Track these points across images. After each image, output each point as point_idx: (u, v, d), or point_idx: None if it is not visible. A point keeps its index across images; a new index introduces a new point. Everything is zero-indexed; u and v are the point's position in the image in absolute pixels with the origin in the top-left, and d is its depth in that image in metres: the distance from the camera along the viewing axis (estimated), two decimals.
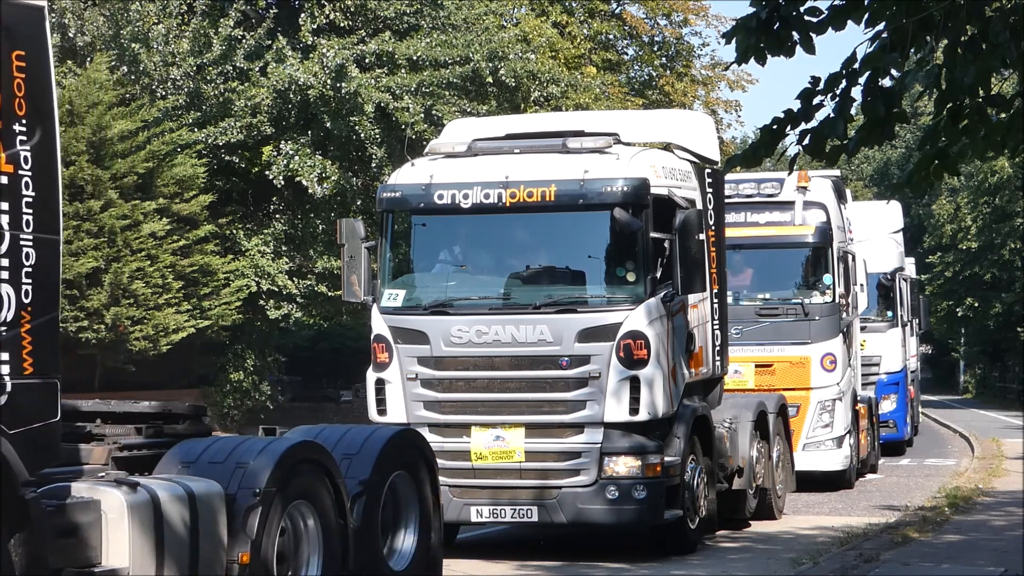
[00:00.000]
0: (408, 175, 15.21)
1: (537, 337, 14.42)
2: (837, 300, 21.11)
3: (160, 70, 31.63)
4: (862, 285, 23.28)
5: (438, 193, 14.83)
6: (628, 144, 15.29)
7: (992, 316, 61.99)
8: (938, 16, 9.52)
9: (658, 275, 14.61)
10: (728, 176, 22.37)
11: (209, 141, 32.10)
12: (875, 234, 28.53)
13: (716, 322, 16.39)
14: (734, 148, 49.15)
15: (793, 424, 21.01)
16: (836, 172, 23.21)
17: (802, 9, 9.42)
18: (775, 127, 9.58)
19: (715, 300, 16.38)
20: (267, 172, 32.57)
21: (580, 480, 14.42)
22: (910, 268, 34.82)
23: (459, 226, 15.27)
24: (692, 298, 15.37)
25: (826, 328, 21.00)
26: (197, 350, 32.33)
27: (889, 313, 28.93)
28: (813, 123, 9.54)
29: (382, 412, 14.92)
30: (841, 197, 22.45)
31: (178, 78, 31.80)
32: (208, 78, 32.21)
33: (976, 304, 62.16)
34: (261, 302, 33.74)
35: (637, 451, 14.35)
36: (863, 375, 25.47)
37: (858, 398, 22.82)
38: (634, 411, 14.32)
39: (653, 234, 14.55)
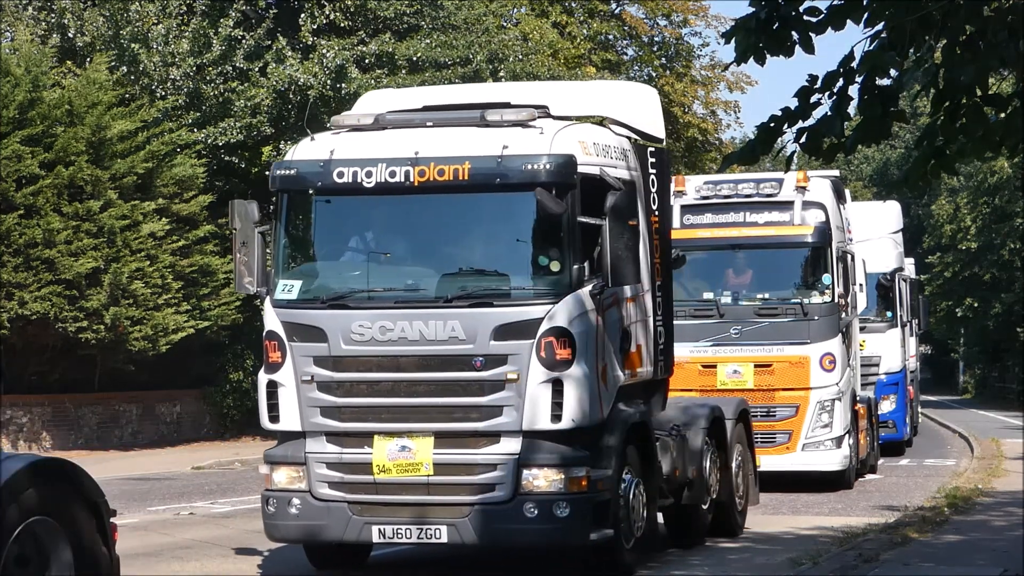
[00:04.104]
0: (306, 150, 13.49)
1: (448, 334, 12.74)
2: (836, 300, 21.12)
3: (160, 70, 31.65)
4: (861, 285, 23.29)
5: (338, 170, 13.09)
6: (558, 118, 13.66)
7: (992, 316, 62.05)
8: (937, 16, 9.54)
9: (587, 265, 12.93)
10: (727, 176, 22.43)
11: (209, 141, 32.12)
12: (875, 234, 28.55)
13: (660, 318, 14.77)
14: (733, 149, 49.13)
15: (792, 424, 21.06)
16: (835, 172, 23.25)
17: (801, 9, 9.44)
18: (772, 125, 9.59)
19: (659, 293, 14.80)
20: (267, 172, 32.55)
21: (495, 496, 12.71)
22: (910, 268, 34.83)
23: (362, 208, 13.55)
24: (628, 291, 13.77)
25: (825, 328, 21.01)
26: (197, 350, 32.34)
27: (889, 313, 28.94)
28: (811, 121, 9.56)
29: (274, 419, 13.16)
30: (840, 197, 22.47)
31: (178, 78, 31.83)
32: (208, 78, 32.23)
33: (976, 304, 62.22)
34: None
35: (560, 463, 12.63)
36: (863, 375, 25.46)
37: (857, 398, 22.80)
38: (556, 418, 12.63)
39: (581, 218, 12.83)
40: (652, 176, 14.79)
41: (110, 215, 28.90)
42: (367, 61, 33.58)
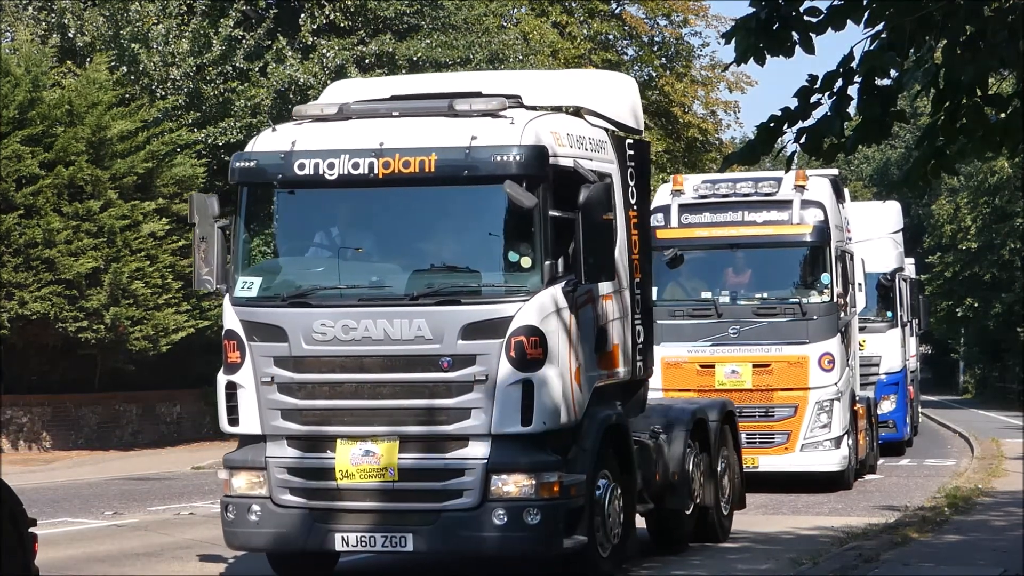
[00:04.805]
0: (267, 142, 12.87)
1: (414, 333, 12.15)
2: (835, 300, 21.07)
3: (160, 70, 31.66)
4: (860, 284, 23.23)
5: (299, 162, 12.47)
6: (531, 108, 13.08)
7: (992, 316, 62.02)
8: (937, 16, 9.55)
9: (560, 261, 12.36)
10: (725, 175, 22.36)
11: (209, 141, 32.13)
12: (875, 234, 28.55)
13: (638, 317, 14.13)
14: (733, 149, 49.14)
15: (791, 424, 21.02)
16: (834, 171, 23.18)
17: (801, 9, 9.44)
18: (772, 125, 9.59)
19: (637, 291, 14.16)
20: None
21: (463, 502, 12.15)
22: (910, 268, 34.82)
23: (324, 202, 12.94)
24: (604, 288, 13.17)
25: (824, 328, 20.95)
26: (197, 350, 32.32)
27: (889, 313, 28.93)
28: (811, 121, 9.56)
29: (234, 422, 12.65)
30: (839, 196, 22.42)
31: (178, 78, 31.84)
32: (208, 78, 32.24)
33: (976, 304, 62.19)
34: None
35: (530, 468, 12.07)
36: (863, 375, 25.44)
37: (856, 398, 22.74)
38: (527, 421, 12.04)
39: (553, 212, 12.25)
40: (631, 169, 14.19)
41: (110, 215, 28.91)
42: (367, 61, 33.59)
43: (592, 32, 48.11)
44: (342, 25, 34.47)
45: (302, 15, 34.12)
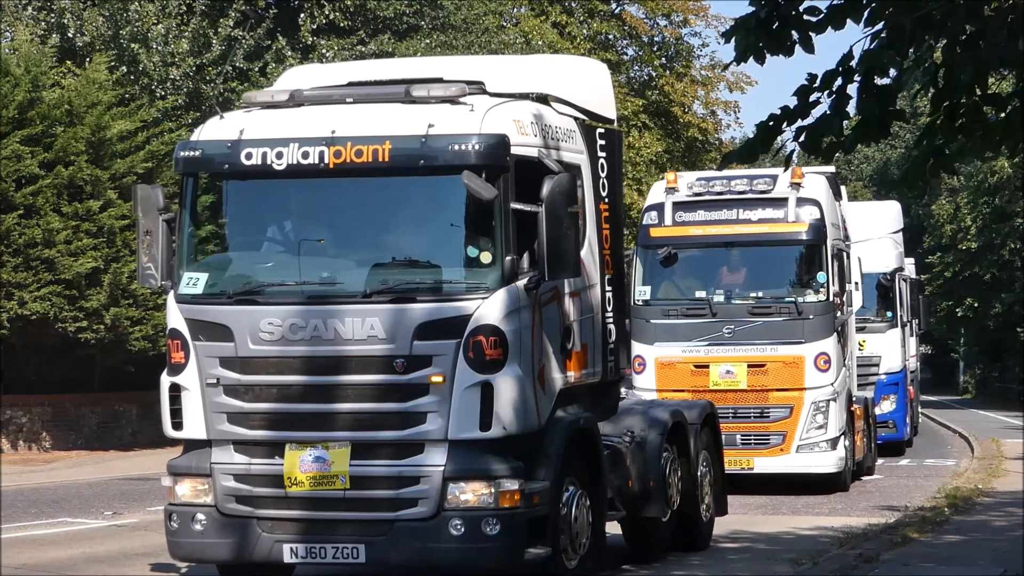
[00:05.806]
0: (214, 130, 12.33)
1: (366, 333, 11.52)
2: (831, 299, 20.95)
3: (160, 70, 31.68)
4: (857, 283, 23.12)
5: (246, 151, 11.88)
6: (495, 95, 12.40)
7: (992, 316, 62.07)
8: (937, 15, 9.55)
9: (524, 256, 11.79)
10: (720, 172, 22.23)
11: None
12: (875, 234, 28.54)
13: (610, 315, 13.41)
14: (733, 149, 49.11)
15: (786, 425, 20.89)
16: (831, 168, 23.04)
17: (801, 8, 9.44)
18: (772, 124, 9.58)
19: (610, 288, 13.44)
20: None
21: (418, 512, 11.53)
22: (910, 268, 34.81)
23: (273, 193, 12.32)
24: (571, 285, 12.48)
25: (820, 327, 20.79)
26: None
27: (888, 313, 28.92)
28: (810, 120, 9.56)
29: (177, 426, 12.00)
30: (836, 194, 22.27)
31: (177, 78, 31.86)
32: (208, 78, 32.26)
33: (976, 304, 62.22)
34: None
35: (489, 475, 11.46)
36: (863, 375, 25.37)
37: (853, 399, 22.61)
38: (486, 425, 11.43)
39: (515, 205, 11.65)
40: (602, 160, 13.50)
41: (110, 215, 28.93)
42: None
43: (592, 32, 48.10)
44: (342, 25, 34.48)
45: (302, 15, 34.13)
